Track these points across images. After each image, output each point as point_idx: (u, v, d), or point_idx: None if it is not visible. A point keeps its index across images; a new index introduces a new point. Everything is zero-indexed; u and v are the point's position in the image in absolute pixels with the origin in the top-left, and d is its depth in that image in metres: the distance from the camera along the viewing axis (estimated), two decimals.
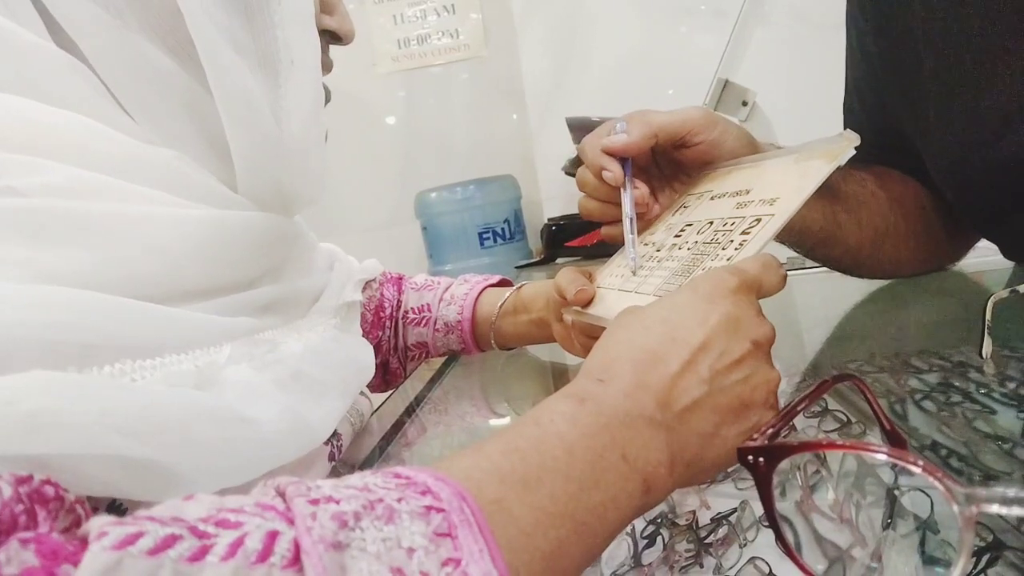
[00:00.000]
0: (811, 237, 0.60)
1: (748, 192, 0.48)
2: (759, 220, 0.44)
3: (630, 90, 1.65)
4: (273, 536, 0.21)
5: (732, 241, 0.44)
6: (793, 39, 1.57)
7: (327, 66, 0.51)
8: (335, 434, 0.52)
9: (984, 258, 0.75)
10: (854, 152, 0.45)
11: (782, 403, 0.35)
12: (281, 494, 0.23)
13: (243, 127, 0.42)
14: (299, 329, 0.50)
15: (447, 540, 0.23)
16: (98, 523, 0.20)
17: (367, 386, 0.73)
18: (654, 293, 0.46)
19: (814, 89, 1.16)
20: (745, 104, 1.61)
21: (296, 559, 0.20)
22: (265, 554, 0.20)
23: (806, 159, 0.47)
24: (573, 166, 1.54)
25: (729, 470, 0.44)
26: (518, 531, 0.25)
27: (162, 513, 0.21)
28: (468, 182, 1.71)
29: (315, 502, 0.22)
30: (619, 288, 0.51)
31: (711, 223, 0.48)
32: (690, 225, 0.51)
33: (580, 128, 1.48)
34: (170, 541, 0.20)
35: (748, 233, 0.43)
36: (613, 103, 1.46)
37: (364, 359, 0.58)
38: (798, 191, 0.44)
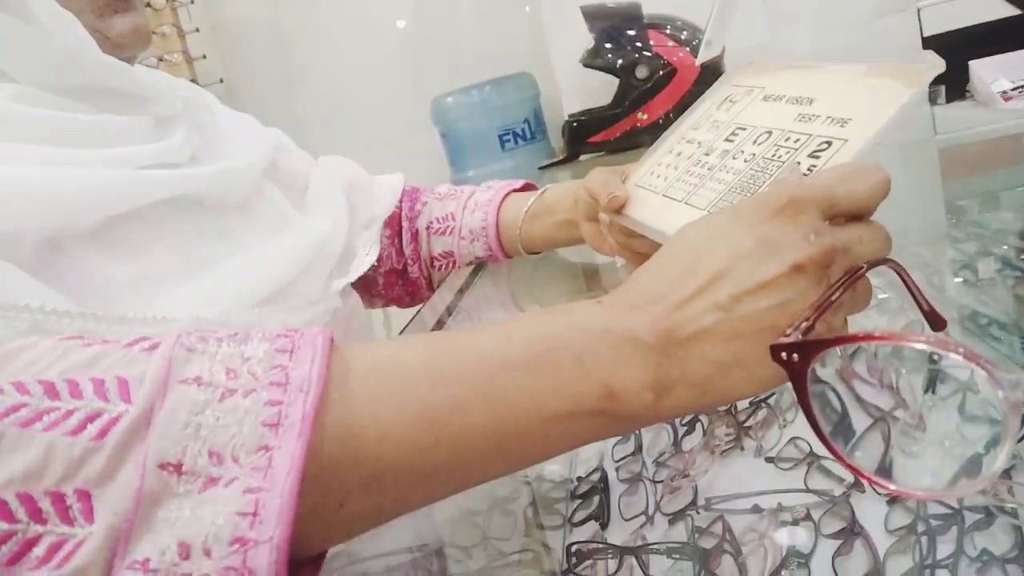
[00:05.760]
0: None
1: (811, 102, 0.44)
2: (829, 143, 0.39)
3: None
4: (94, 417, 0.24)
5: (799, 164, 0.40)
6: None
7: None
8: None
9: None
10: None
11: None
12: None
13: None
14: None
15: (284, 355, 0.26)
16: None
17: (393, 301, 0.76)
18: (708, 209, 0.43)
19: None
20: None
21: (110, 428, 0.23)
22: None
23: (876, 76, 0.41)
24: (592, 57, 1.48)
25: None
26: (399, 376, 0.27)
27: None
28: (484, 83, 1.66)
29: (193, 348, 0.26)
30: (664, 193, 0.49)
31: (769, 133, 0.44)
32: (743, 129, 0.47)
33: (597, 16, 1.42)
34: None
35: (817, 157, 0.39)
36: None
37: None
38: (872, 115, 0.38)
